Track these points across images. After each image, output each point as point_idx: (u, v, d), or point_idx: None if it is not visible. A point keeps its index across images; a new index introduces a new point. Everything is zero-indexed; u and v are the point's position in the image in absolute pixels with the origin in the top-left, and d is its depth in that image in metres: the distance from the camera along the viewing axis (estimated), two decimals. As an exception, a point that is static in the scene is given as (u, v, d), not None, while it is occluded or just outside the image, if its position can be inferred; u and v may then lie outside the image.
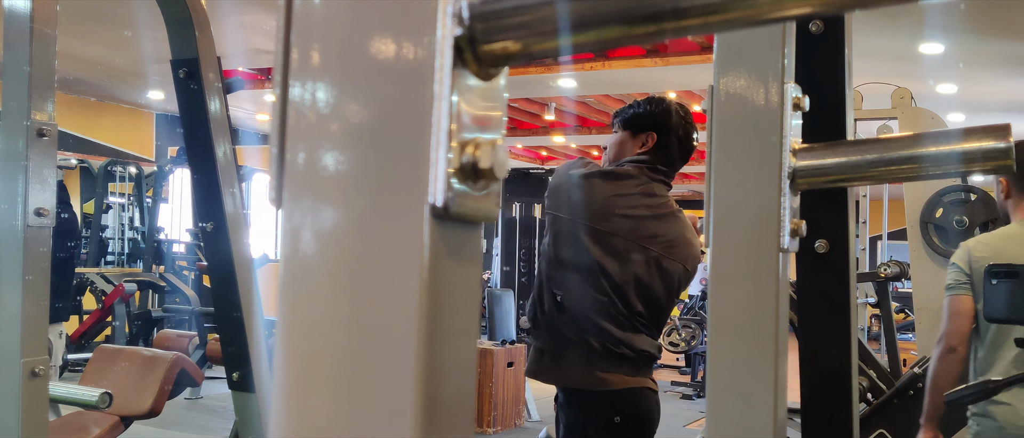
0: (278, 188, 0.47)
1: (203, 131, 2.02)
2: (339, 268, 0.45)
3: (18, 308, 1.53)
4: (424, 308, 0.43)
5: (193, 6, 1.98)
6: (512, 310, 8.67)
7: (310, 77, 0.46)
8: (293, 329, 0.46)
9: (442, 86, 0.44)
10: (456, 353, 0.46)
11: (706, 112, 0.93)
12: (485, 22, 0.45)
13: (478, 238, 0.48)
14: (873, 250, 8.49)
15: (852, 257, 1.20)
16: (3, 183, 1.54)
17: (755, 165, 0.89)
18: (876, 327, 8.25)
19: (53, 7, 1.58)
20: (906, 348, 5.81)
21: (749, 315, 0.90)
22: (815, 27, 1.17)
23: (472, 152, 0.45)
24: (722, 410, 0.92)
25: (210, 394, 7.08)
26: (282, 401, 0.46)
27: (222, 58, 2.09)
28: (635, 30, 0.44)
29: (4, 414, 1.55)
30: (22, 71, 1.53)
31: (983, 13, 5.85)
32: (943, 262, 4.18)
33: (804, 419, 1.22)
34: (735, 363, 0.91)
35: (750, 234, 0.90)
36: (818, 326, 1.22)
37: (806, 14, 0.43)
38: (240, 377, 2.10)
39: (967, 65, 7.22)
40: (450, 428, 0.45)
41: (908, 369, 3.02)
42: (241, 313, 2.05)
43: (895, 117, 4.73)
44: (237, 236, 2.06)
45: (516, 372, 6.54)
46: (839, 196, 1.19)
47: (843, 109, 1.16)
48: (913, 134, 0.93)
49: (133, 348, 3.85)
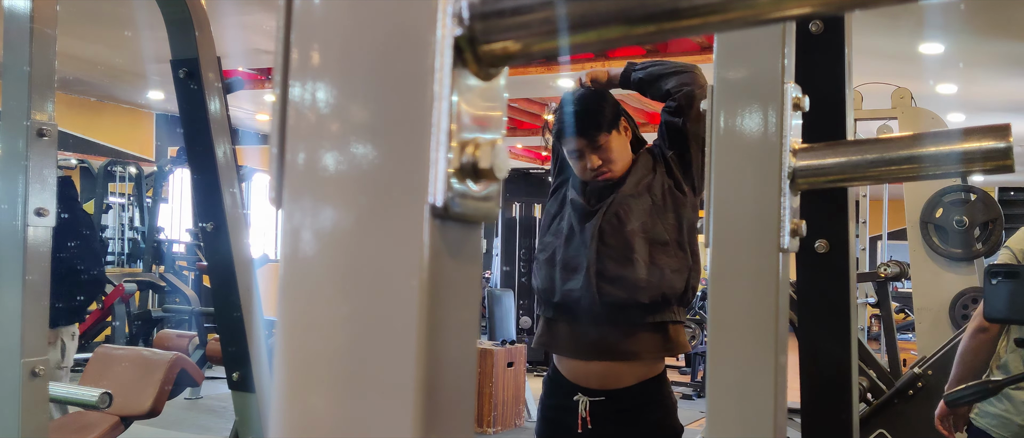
0: (278, 188, 0.47)
1: (203, 131, 2.02)
2: (339, 268, 0.45)
3: (18, 308, 1.53)
4: (424, 308, 0.43)
5: (193, 6, 1.98)
6: (512, 310, 8.68)
7: (310, 77, 0.46)
8: (293, 329, 0.46)
9: (442, 86, 0.44)
10: (456, 353, 0.46)
11: (706, 112, 0.93)
12: (485, 22, 0.45)
13: (478, 238, 0.48)
14: (873, 250, 8.49)
15: (852, 257, 1.20)
16: (3, 183, 1.54)
17: (755, 165, 0.89)
18: (876, 327, 8.25)
19: (53, 7, 1.58)
20: (906, 348, 5.81)
21: (749, 315, 0.90)
22: (815, 27, 1.17)
23: (472, 152, 0.45)
24: (722, 410, 0.92)
25: (210, 394, 7.08)
26: (282, 401, 0.46)
27: (222, 58, 2.09)
28: (635, 30, 0.44)
29: (4, 414, 1.55)
30: (22, 71, 1.53)
31: (983, 13, 5.85)
32: (943, 262, 4.19)
33: (804, 419, 1.22)
34: (735, 363, 0.91)
35: (750, 234, 0.90)
36: (818, 326, 1.22)
37: (806, 14, 0.43)
38: (240, 377, 2.10)
39: (967, 65, 7.22)
40: (450, 428, 0.45)
41: (908, 369, 3.03)
42: (241, 313, 2.05)
43: (895, 117, 4.73)
44: (237, 236, 2.06)
45: (516, 372, 6.54)
46: (839, 196, 1.19)
47: (843, 109, 1.16)
48: (913, 134, 0.93)
49: (133, 348, 3.85)
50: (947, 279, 4.16)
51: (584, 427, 2.21)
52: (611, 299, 2.14)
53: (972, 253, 4.12)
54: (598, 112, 2.22)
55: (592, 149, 2.20)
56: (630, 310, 2.14)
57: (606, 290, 2.14)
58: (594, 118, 2.20)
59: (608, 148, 2.21)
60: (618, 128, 2.24)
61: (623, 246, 2.15)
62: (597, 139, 2.19)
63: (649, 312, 2.15)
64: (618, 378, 2.20)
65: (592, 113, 2.21)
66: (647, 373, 2.19)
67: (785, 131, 0.88)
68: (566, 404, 2.25)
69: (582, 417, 2.21)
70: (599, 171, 2.22)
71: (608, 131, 2.21)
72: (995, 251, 4.08)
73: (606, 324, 2.17)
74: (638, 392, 2.18)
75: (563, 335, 2.25)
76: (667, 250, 2.16)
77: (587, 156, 2.21)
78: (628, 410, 2.19)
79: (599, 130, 2.19)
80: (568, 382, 2.25)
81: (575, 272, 2.19)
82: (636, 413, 2.20)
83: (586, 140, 2.20)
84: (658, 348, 2.19)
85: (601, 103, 2.24)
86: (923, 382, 2.85)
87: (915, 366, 2.98)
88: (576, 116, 2.21)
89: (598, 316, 2.16)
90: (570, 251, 2.21)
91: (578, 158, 2.23)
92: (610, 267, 2.15)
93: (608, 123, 2.21)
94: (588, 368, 2.22)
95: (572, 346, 2.24)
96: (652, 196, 2.19)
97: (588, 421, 2.21)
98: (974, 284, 4.08)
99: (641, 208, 2.17)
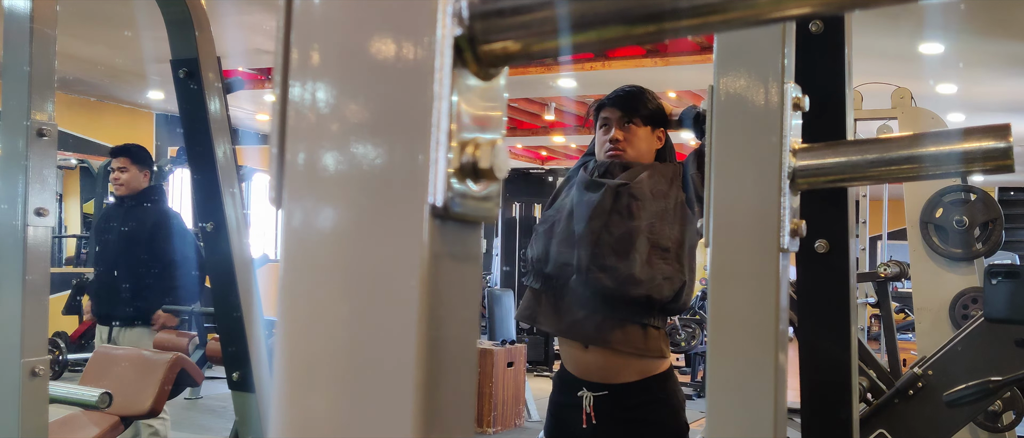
0: (278, 188, 0.47)
1: (203, 131, 2.02)
2: (339, 268, 0.45)
3: (18, 308, 1.53)
4: (424, 308, 0.43)
5: (193, 6, 1.98)
6: (512, 310, 8.67)
7: (310, 77, 0.46)
8: (293, 329, 0.46)
9: (442, 86, 0.44)
10: (456, 353, 0.46)
11: (706, 112, 0.93)
12: (485, 22, 0.45)
13: (478, 238, 0.48)
14: (873, 250, 8.49)
15: (852, 257, 1.20)
16: (3, 183, 1.54)
17: (755, 165, 0.89)
18: (876, 327, 8.24)
19: (53, 7, 1.58)
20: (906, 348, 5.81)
21: (749, 315, 0.90)
22: (815, 27, 1.17)
23: (472, 152, 0.45)
24: (722, 410, 0.92)
25: (210, 394, 7.08)
26: (282, 401, 0.46)
27: (222, 58, 2.09)
28: (635, 30, 0.44)
29: (4, 414, 1.55)
30: (22, 71, 1.53)
31: (983, 13, 5.85)
32: (943, 262, 4.19)
33: (804, 419, 1.22)
34: (735, 363, 0.91)
35: (750, 234, 0.90)
36: (818, 326, 1.22)
37: (806, 14, 0.43)
38: (240, 377, 2.10)
39: (967, 65, 7.22)
40: (450, 428, 0.45)
41: (908, 369, 3.02)
42: (241, 313, 2.05)
43: (895, 117, 4.72)
44: (237, 236, 2.06)
45: (516, 372, 6.54)
46: (839, 196, 1.19)
47: (843, 109, 1.16)
48: (913, 134, 0.93)
49: (133, 348, 3.84)
50: (947, 279, 4.15)
51: (589, 422, 2.23)
52: (599, 286, 2.16)
53: (972, 253, 4.12)
54: (644, 102, 2.33)
55: (620, 125, 2.31)
56: (614, 301, 2.17)
57: (596, 276, 2.16)
58: (637, 102, 2.32)
59: (634, 134, 2.31)
60: (653, 126, 2.34)
61: (625, 238, 2.16)
62: (631, 119, 2.31)
63: (631, 309, 2.17)
64: (618, 372, 2.21)
65: (638, 98, 2.33)
66: (649, 369, 2.20)
67: (785, 131, 0.88)
68: (572, 401, 2.27)
69: (586, 412, 2.23)
70: (615, 147, 2.30)
71: (643, 121, 2.31)
72: (995, 251, 4.07)
73: (588, 308, 2.20)
74: (641, 389, 2.19)
75: (546, 309, 2.28)
76: (666, 257, 2.18)
77: (613, 128, 2.31)
78: (632, 408, 2.20)
79: (635, 113, 2.31)
80: (573, 378, 2.28)
81: (572, 247, 2.21)
82: (640, 411, 2.21)
83: (621, 113, 2.31)
84: (633, 346, 2.20)
85: (651, 100, 2.35)
86: (923, 382, 2.85)
87: (915, 366, 2.98)
88: (628, 93, 2.34)
89: (582, 298, 2.20)
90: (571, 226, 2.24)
91: (604, 130, 2.34)
92: (606, 254, 2.17)
93: (646, 117, 2.32)
94: (586, 358, 2.25)
95: (553, 322, 2.28)
96: (666, 203, 2.23)
97: (593, 417, 2.23)
98: (974, 284, 4.07)
99: (653, 210, 2.20)
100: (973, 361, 2.74)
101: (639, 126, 2.31)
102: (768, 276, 0.89)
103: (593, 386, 2.24)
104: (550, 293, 2.26)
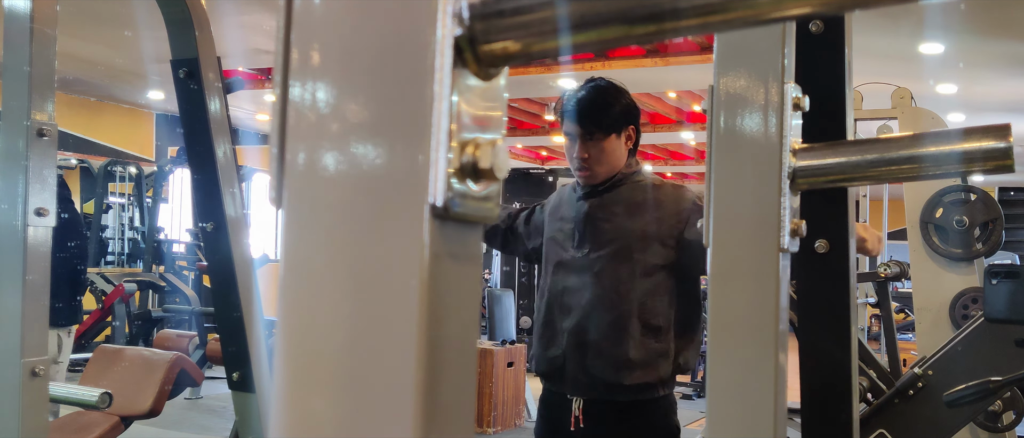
0: (278, 188, 0.47)
1: (203, 131, 2.02)
2: (339, 268, 0.45)
3: (18, 308, 1.53)
4: (424, 308, 0.43)
5: (193, 6, 1.98)
6: (512, 310, 8.67)
7: (310, 77, 0.46)
8: (293, 329, 0.46)
9: (442, 86, 0.44)
10: (456, 353, 0.46)
11: (706, 112, 0.93)
12: (485, 22, 0.45)
13: (478, 238, 0.48)
14: (873, 250, 8.47)
15: (852, 257, 1.20)
16: (3, 183, 1.54)
17: (755, 165, 0.89)
18: (876, 327, 8.24)
19: (53, 7, 1.58)
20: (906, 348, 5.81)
21: (749, 315, 0.90)
22: (815, 27, 1.17)
23: (472, 152, 0.45)
24: (722, 410, 0.92)
25: (210, 394, 7.08)
26: (282, 401, 0.46)
27: (222, 58, 2.09)
28: (635, 30, 0.44)
29: (4, 414, 1.55)
30: (22, 71, 1.53)
31: (983, 13, 5.85)
32: (943, 262, 4.19)
33: (804, 419, 1.22)
34: (735, 363, 0.91)
35: (750, 234, 0.90)
36: (818, 326, 1.22)
37: (806, 14, 0.43)
38: (240, 377, 2.10)
39: (967, 65, 7.22)
40: (450, 428, 0.45)
41: (908, 369, 3.02)
42: (241, 313, 2.05)
43: (895, 117, 4.72)
44: (237, 236, 2.06)
45: (516, 372, 6.54)
46: (839, 196, 1.19)
47: (843, 109, 1.16)
48: (913, 134, 0.93)
49: (133, 348, 3.85)
50: (947, 279, 4.15)
51: (576, 425, 2.22)
52: (597, 372, 2.17)
53: (972, 253, 4.12)
54: (605, 110, 2.17)
55: (583, 142, 2.16)
56: (615, 388, 2.17)
57: (592, 364, 2.17)
58: (599, 114, 2.16)
59: (600, 149, 2.16)
60: (620, 133, 2.19)
61: (618, 321, 2.15)
62: (592, 135, 2.16)
63: (634, 391, 2.17)
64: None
65: (599, 108, 2.16)
66: (643, 377, 2.19)
67: (785, 131, 0.88)
68: (561, 402, 2.27)
69: (575, 416, 2.22)
70: (583, 166, 2.18)
71: (607, 133, 2.16)
72: (995, 251, 4.07)
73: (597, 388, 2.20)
74: (635, 391, 2.19)
75: (565, 370, 2.26)
76: (659, 335, 2.17)
77: (579, 144, 2.17)
78: (623, 409, 2.20)
79: (598, 128, 2.15)
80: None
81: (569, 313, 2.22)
82: (631, 411, 2.20)
83: (583, 130, 2.16)
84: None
85: (615, 101, 2.19)
86: (923, 382, 2.84)
87: (915, 366, 2.98)
88: (586, 102, 2.16)
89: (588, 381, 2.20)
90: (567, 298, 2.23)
91: (569, 140, 2.21)
92: (600, 341, 2.16)
93: (610, 125, 2.16)
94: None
95: (569, 384, 2.26)
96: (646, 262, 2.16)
97: (581, 420, 2.22)
98: (974, 284, 4.07)
99: (643, 287, 2.15)
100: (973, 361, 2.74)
101: (603, 138, 2.15)
102: (768, 276, 0.89)
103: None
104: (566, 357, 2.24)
